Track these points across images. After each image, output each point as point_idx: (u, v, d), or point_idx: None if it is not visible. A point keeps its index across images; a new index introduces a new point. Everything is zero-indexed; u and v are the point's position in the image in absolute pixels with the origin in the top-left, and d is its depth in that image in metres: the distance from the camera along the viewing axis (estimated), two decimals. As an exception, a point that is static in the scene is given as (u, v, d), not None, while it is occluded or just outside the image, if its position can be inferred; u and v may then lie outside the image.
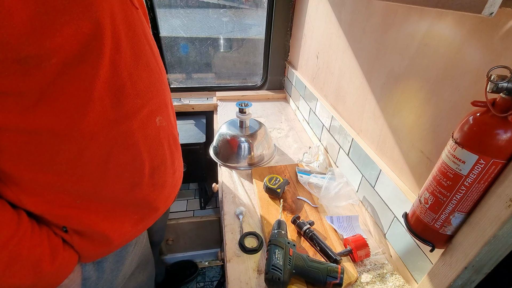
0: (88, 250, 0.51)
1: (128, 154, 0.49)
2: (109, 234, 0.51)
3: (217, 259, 1.49)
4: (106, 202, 0.50)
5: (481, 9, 0.29)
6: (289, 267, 0.58)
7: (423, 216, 0.47)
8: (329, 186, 0.81)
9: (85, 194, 0.47)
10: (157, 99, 0.52)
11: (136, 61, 0.46)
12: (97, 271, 0.56)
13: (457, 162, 0.40)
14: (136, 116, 0.48)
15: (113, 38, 0.40)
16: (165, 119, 0.56)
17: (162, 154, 0.57)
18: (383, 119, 0.70)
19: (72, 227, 0.48)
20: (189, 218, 1.33)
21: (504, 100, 0.36)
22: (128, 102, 0.45)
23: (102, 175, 0.47)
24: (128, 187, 0.51)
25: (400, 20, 0.62)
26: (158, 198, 0.59)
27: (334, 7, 0.94)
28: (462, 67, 0.47)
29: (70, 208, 0.47)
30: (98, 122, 0.42)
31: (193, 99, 1.49)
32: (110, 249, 0.55)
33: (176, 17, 1.40)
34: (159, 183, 0.58)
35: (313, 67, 1.17)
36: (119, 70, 0.42)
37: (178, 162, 0.65)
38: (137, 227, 0.57)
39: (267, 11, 1.36)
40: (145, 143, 0.51)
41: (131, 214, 0.55)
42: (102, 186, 0.48)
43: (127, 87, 0.44)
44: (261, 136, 1.01)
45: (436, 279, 0.49)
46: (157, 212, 0.61)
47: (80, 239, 0.49)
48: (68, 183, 0.45)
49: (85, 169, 0.45)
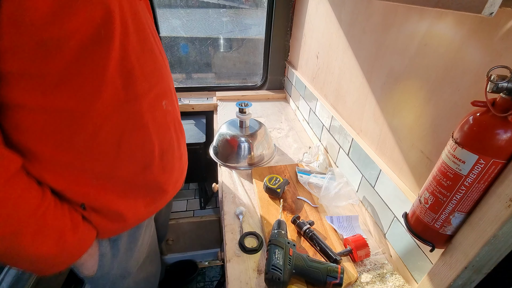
0: (105, 226, 0.54)
1: (139, 136, 0.52)
2: (124, 212, 0.55)
3: (217, 259, 1.49)
4: (120, 183, 0.54)
5: (481, 9, 0.29)
6: (289, 267, 0.58)
7: (423, 216, 0.47)
8: (329, 186, 0.81)
9: (101, 174, 0.51)
10: (162, 84, 0.55)
11: (142, 46, 0.49)
12: (113, 248, 0.60)
13: (457, 162, 0.40)
14: (145, 98, 0.51)
15: (122, 23, 0.43)
16: (170, 104, 0.60)
17: (170, 138, 0.60)
18: (383, 119, 0.70)
19: (90, 205, 0.52)
20: (189, 218, 1.33)
21: (504, 100, 0.36)
22: (137, 85, 0.49)
23: (115, 156, 0.50)
24: (140, 168, 0.55)
25: (400, 20, 0.62)
26: (168, 181, 0.63)
27: (334, 7, 0.94)
28: (462, 67, 0.47)
29: (87, 186, 0.50)
30: (111, 103, 0.45)
31: (193, 99, 1.49)
32: (125, 226, 0.59)
33: (176, 17, 1.40)
34: (168, 166, 0.61)
35: (313, 67, 1.17)
36: (128, 54, 0.45)
37: (183, 147, 0.69)
38: (149, 208, 0.61)
39: (267, 11, 1.36)
40: (154, 125, 0.54)
41: (144, 196, 0.58)
42: (116, 167, 0.51)
43: (135, 70, 0.47)
44: (261, 136, 1.01)
45: (436, 279, 0.49)
46: (167, 195, 0.64)
47: (97, 216, 0.53)
48: (85, 163, 0.48)
49: (100, 149, 0.48)
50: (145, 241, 0.69)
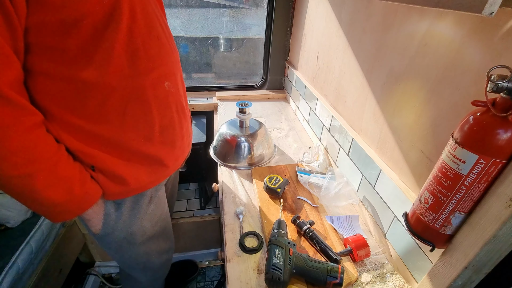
0: (109, 188, 0.62)
1: (141, 108, 0.59)
2: (127, 177, 0.63)
3: (217, 259, 1.49)
4: (125, 150, 0.61)
5: (481, 9, 0.29)
6: (289, 267, 0.58)
7: (423, 216, 0.47)
8: (329, 186, 0.81)
9: (109, 140, 0.58)
10: (165, 66, 0.62)
11: (149, 32, 0.56)
12: (117, 211, 0.68)
13: (457, 162, 0.40)
14: (148, 76, 0.58)
15: (130, 11, 0.51)
16: (173, 86, 0.66)
17: (170, 116, 0.67)
18: (383, 119, 0.70)
19: (98, 167, 0.60)
20: (189, 218, 1.33)
21: (504, 100, 0.36)
22: (141, 63, 0.56)
23: (120, 124, 0.58)
24: (142, 139, 0.62)
25: (400, 20, 0.62)
26: (168, 156, 0.69)
27: (334, 7, 0.94)
28: (462, 66, 0.47)
29: (97, 150, 0.58)
30: (117, 77, 0.53)
31: (193, 99, 1.49)
32: (128, 191, 0.66)
33: (176, 17, 1.40)
34: (168, 141, 0.68)
35: (313, 67, 1.17)
36: (134, 37, 0.53)
37: (186, 130, 0.76)
38: (150, 178, 0.68)
39: (267, 11, 1.36)
40: (155, 101, 0.61)
41: (145, 166, 0.66)
42: (121, 134, 0.59)
43: (140, 51, 0.55)
44: (261, 136, 1.01)
45: (436, 279, 0.49)
46: (167, 169, 0.71)
47: (104, 178, 0.61)
48: (95, 128, 0.56)
49: (108, 116, 0.56)
50: (151, 213, 0.75)
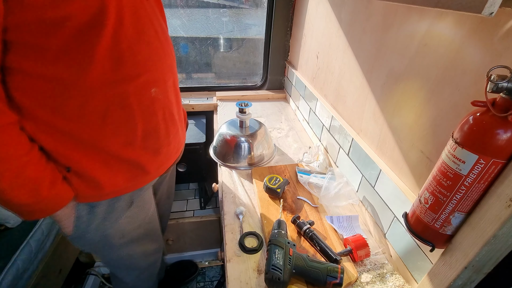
0: (83, 190, 0.60)
1: (123, 114, 0.58)
2: (102, 181, 0.61)
3: (217, 259, 1.49)
4: (103, 154, 0.59)
5: (481, 9, 0.29)
6: (289, 267, 0.58)
7: (423, 216, 0.47)
8: (329, 186, 0.81)
9: (87, 142, 0.57)
10: (154, 73, 0.60)
11: (138, 37, 0.55)
12: (89, 214, 0.65)
13: (457, 162, 0.40)
14: (132, 82, 0.56)
15: (118, 15, 0.50)
16: (162, 92, 0.64)
17: (155, 122, 0.64)
18: (383, 119, 0.70)
19: (74, 169, 0.58)
20: (189, 218, 1.33)
21: (504, 100, 0.36)
22: (125, 68, 0.54)
23: (100, 127, 0.56)
24: (122, 144, 0.60)
25: (400, 20, 0.62)
26: (150, 162, 0.67)
27: (334, 7, 0.94)
28: (462, 67, 0.47)
29: (74, 151, 0.57)
30: (99, 80, 0.52)
31: (193, 99, 1.49)
32: (102, 195, 0.64)
33: (176, 17, 1.40)
34: (151, 148, 0.66)
35: (313, 67, 1.17)
36: (120, 41, 0.52)
37: (174, 136, 0.73)
38: (127, 183, 0.66)
39: (267, 11, 1.36)
40: (139, 107, 0.59)
41: (124, 171, 0.64)
42: (100, 137, 0.57)
43: (125, 56, 0.54)
44: (261, 136, 1.01)
45: (436, 279, 0.49)
46: (148, 175, 0.69)
47: (78, 180, 0.59)
48: (74, 129, 0.55)
49: (88, 119, 0.55)
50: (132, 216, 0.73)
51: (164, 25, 0.67)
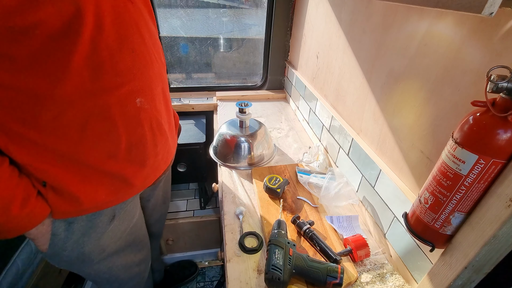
0: (59, 206, 0.56)
1: (104, 126, 0.54)
2: (81, 196, 0.57)
3: (217, 259, 1.49)
4: (83, 167, 0.56)
5: (481, 9, 0.29)
6: (289, 267, 0.58)
7: (423, 216, 0.47)
8: (329, 186, 0.81)
9: (64, 155, 0.53)
10: (139, 82, 0.57)
11: (121, 45, 0.51)
12: (66, 230, 0.61)
13: (457, 162, 0.40)
14: (114, 92, 0.53)
15: (96, 21, 0.46)
16: (148, 102, 0.60)
17: (141, 133, 0.61)
18: (383, 119, 0.70)
19: (50, 183, 0.54)
20: (189, 218, 1.33)
21: (504, 100, 0.36)
22: (106, 78, 0.51)
23: (79, 140, 0.53)
24: (104, 157, 0.57)
25: (400, 20, 0.62)
26: (135, 175, 0.64)
27: (334, 7, 0.94)
28: (462, 67, 0.47)
29: (50, 165, 0.53)
30: (76, 91, 0.49)
31: (193, 99, 1.49)
32: (80, 211, 0.60)
33: (176, 17, 1.40)
34: (137, 160, 0.62)
35: (313, 67, 1.17)
36: (99, 49, 0.48)
37: (162, 146, 0.69)
38: (110, 198, 0.62)
39: (267, 11, 1.36)
40: (122, 119, 0.56)
41: (106, 184, 0.60)
42: (79, 150, 0.54)
43: (106, 65, 0.50)
44: (261, 136, 1.01)
45: (436, 279, 0.49)
46: (132, 188, 0.65)
47: (55, 195, 0.55)
48: (49, 142, 0.51)
49: (64, 131, 0.51)
50: (113, 230, 0.69)
51: (153, 28, 0.63)
